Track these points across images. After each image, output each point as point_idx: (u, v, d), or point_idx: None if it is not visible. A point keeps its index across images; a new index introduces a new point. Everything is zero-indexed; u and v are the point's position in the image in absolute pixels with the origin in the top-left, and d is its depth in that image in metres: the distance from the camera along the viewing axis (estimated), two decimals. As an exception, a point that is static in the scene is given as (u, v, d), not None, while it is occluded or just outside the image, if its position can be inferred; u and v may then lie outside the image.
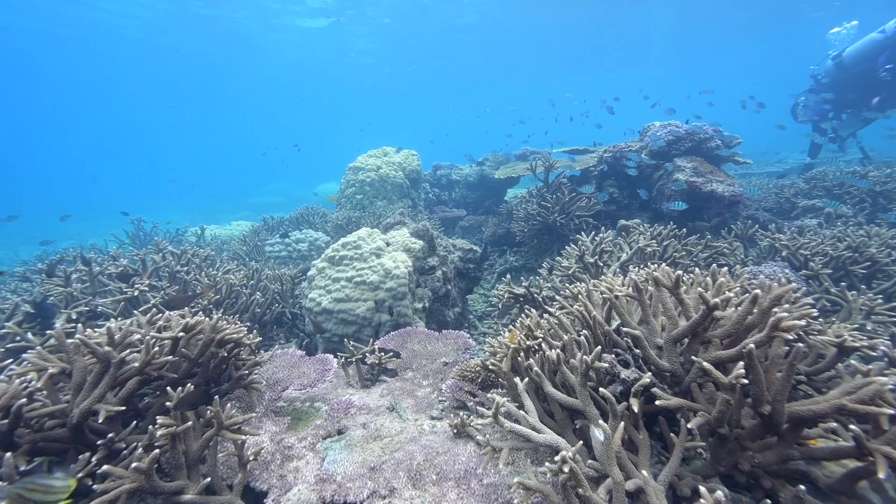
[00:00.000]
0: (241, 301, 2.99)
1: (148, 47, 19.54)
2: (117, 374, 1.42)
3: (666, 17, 17.88)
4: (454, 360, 2.73)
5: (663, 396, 1.39)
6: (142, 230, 6.02)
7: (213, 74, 25.84)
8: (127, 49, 19.61)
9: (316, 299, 3.21)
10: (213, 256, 3.27)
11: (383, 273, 3.15)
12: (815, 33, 19.77)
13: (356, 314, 3.09)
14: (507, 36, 19.60)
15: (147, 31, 17.60)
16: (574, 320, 2.12)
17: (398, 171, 6.41)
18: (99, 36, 17.89)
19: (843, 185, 4.85)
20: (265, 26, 18.08)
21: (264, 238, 5.01)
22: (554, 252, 4.66)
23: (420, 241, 3.44)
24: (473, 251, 3.75)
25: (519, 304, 3.11)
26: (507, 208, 5.43)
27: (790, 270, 2.97)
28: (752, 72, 32.72)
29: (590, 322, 1.84)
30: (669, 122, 4.66)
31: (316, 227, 5.63)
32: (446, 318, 3.52)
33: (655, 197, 4.46)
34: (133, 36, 17.96)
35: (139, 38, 18.18)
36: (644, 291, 1.72)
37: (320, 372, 2.15)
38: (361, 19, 17.64)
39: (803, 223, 4.14)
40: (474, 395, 2.26)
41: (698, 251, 3.31)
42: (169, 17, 16.56)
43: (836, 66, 6.02)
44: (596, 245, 3.16)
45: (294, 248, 4.60)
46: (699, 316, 1.42)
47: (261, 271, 3.40)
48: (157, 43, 18.94)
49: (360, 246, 3.36)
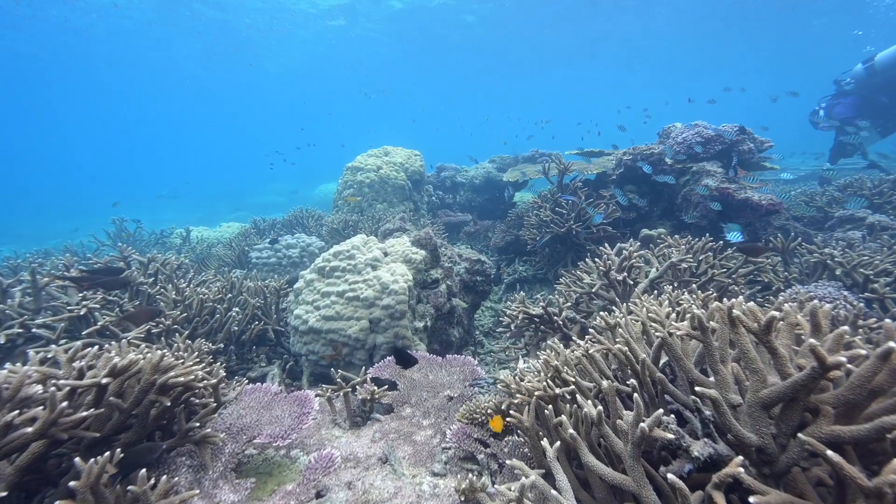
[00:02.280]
0: (215, 318, 2.60)
1: (146, 41, 19.22)
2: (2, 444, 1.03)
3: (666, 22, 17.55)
4: (460, 393, 2.34)
5: (759, 489, 0.99)
6: (124, 230, 5.63)
7: (217, 71, 25.48)
8: (125, 43, 19.29)
9: (302, 316, 2.82)
10: (186, 266, 2.88)
11: (380, 288, 2.76)
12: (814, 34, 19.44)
13: (347, 335, 2.70)
14: (512, 35, 19.27)
15: (142, 24, 17.26)
16: (606, 353, 1.72)
17: (400, 171, 6.02)
18: (97, 29, 17.58)
19: (884, 195, 4.45)
20: (269, 23, 17.77)
21: (252, 242, 4.62)
22: (568, 262, 4.26)
23: (422, 251, 3.05)
24: (482, 263, 3.36)
25: (535, 325, 2.72)
26: (516, 213, 5.04)
27: (848, 292, 2.57)
28: (755, 73, 32.32)
29: (636, 367, 1.44)
30: (696, 123, 4.27)
31: (310, 232, 5.24)
32: (450, 338, 3.12)
33: (680, 204, 4.06)
34: (131, 28, 17.62)
35: (134, 29, 17.81)
36: (710, 330, 1.33)
37: (297, 417, 1.75)
38: (370, 16, 17.31)
39: (847, 235, 3.74)
40: (486, 445, 1.86)
41: (737, 267, 2.91)
42: (165, 12, 16.24)
43: (867, 71, 5.79)
44: (623, 259, 2.76)
45: (284, 254, 4.21)
46: (805, 375, 1.03)
47: (241, 283, 3.01)
48: (156, 35, 18.60)
49: (353, 256, 2.97)
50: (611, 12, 16.84)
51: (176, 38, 19.04)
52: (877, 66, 5.66)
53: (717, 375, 1.31)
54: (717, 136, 4.04)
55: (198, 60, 22.64)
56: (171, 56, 21.60)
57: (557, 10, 16.67)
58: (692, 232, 4.17)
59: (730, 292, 2.74)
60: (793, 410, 1.08)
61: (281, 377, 2.79)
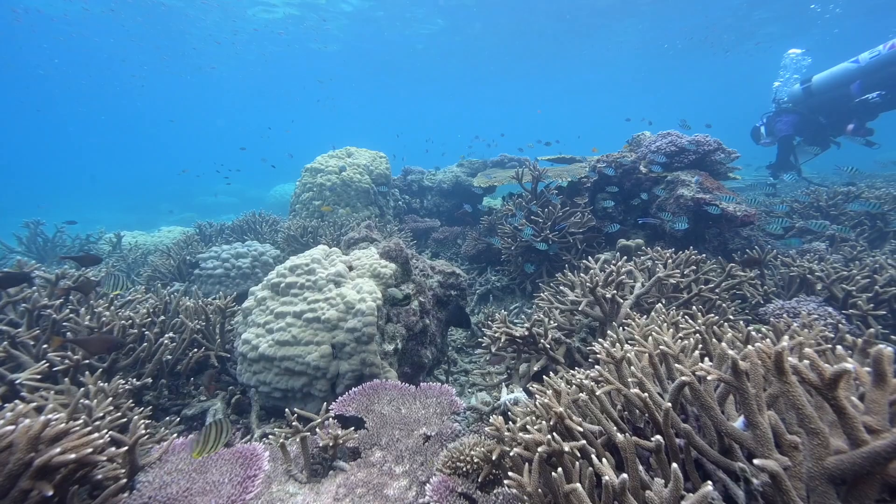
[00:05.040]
0: (142, 347, 2.15)
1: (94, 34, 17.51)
2: None
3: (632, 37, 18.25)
4: (438, 431, 2.05)
5: None
6: (40, 235, 4.83)
7: (172, 63, 23.68)
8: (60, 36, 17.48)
9: (252, 341, 2.42)
10: (105, 281, 2.39)
11: (344, 308, 2.42)
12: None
13: (306, 362, 2.33)
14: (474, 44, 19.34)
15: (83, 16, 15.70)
16: (610, 388, 1.50)
17: (364, 174, 5.64)
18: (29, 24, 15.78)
19: (838, 207, 4.63)
20: (224, 18, 16.70)
21: (196, 251, 4.07)
22: (543, 273, 4.09)
23: (392, 265, 2.74)
24: (456, 276, 3.09)
25: (517, 346, 2.48)
26: (488, 221, 4.82)
27: (833, 309, 2.53)
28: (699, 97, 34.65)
29: (657, 418, 1.21)
30: (668, 132, 4.24)
31: (264, 238, 4.74)
32: (422, 360, 2.83)
33: (655, 213, 3.99)
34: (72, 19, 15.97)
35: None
36: (744, 375, 1.13)
37: (239, 483, 1.39)
38: (325, 16, 16.76)
39: (812, 246, 3.81)
40: (473, 502, 1.58)
41: (720, 281, 2.82)
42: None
43: (804, 92, 6.06)
44: (608, 274, 2.58)
45: (233, 264, 3.74)
46: (889, 445, 0.83)
47: (178, 301, 2.56)
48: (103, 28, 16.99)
49: (314, 270, 2.61)
50: (563, 36, 17.30)
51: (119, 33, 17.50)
52: (814, 87, 5.94)
53: (755, 430, 1.11)
54: (693, 144, 4.02)
55: (152, 50, 20.89)
56: (120, 51, 19.84)
57: (501, 26, 16.91)
58: (666, 241, 4.12)
59: (716, 308, 2.63)
60: (868, 487, 0.88)
61: (225, 413, 2.38)
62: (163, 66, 21.94)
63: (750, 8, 15.11)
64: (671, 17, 16.04)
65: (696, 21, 16.36)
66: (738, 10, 15.25)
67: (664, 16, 15.93)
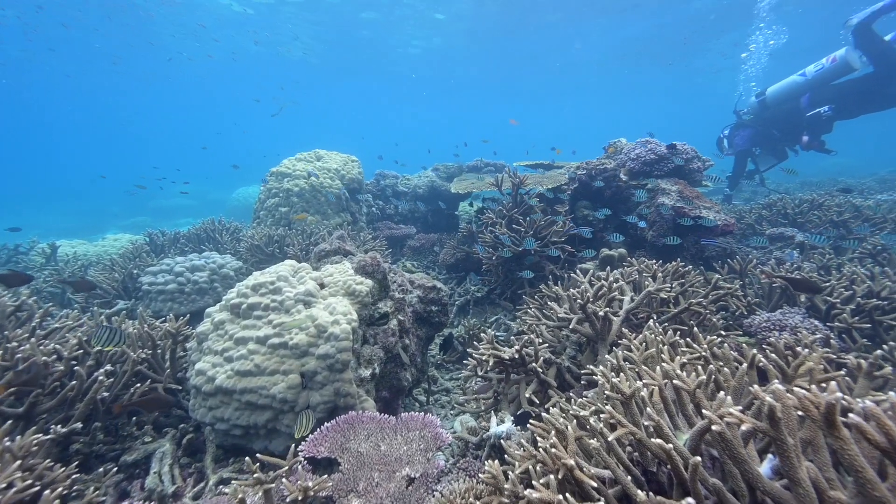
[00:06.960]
0: (70, 385, 1.82)
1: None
2: None
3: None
4: (423, 471, 1.83)
5: None
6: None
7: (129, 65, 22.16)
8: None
9: (207, 372, 2.13)
10: (28, 306, 2.01)
11: (315, 332, 2.17)
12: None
13: (271, 395, 2.07)
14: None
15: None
16: (624, 433, 1.34)
17: (335, 179, 5.35)
18: None
19: (805, 214, 4.76)
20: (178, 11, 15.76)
21: (145, 263, 3.64)
22: (524, 284, 3.95)
23: (368, 281, 2.50)
24: (437, 290, 2.89)
25: (505, 368, 2.30)
26: (467, 229, 4.65)
27: (818, 322, 2.50)
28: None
29: (682, 474, 1.06)
30: (647, 140, 4.21)
31: (224, 249, 4.35)
32: (402, 383, 2.60)
33: (636, 223, 3.94)
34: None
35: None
36: (782, 425, 0.99)
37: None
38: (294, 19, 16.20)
39: (784, 255, 3.85)
40: (468, 565, 1.39)
41: (707, 293, 2.76)
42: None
43: (759, 104, 6.23)
44: (598, 289, 2.46)
45: (188, 278, 3.37)
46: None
47: (118, 326, 2.22)
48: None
49: (280, 290, 2.34)
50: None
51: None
52: (768, 100, 6.10)
53: (797, 487, 0.97)
54: (672, 152, 4.00)
55: (110, 44, 19.45)
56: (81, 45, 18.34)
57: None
58: (647, 250, 4.08)
59: (706, 322, 2.56)
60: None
61: (174, 456, 2.07)
62: (131, 61, 20.54)
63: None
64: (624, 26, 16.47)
65: (650, 33, 16.89)
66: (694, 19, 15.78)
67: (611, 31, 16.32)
